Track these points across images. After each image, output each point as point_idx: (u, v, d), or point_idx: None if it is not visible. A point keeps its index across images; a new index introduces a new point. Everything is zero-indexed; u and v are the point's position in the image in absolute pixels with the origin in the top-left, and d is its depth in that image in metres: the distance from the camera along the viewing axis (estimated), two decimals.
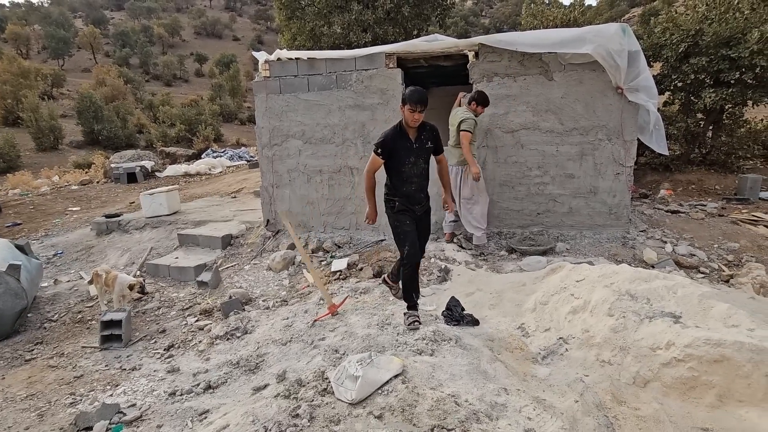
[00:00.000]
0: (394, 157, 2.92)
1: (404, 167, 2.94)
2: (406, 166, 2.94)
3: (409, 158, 2.93)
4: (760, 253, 4.65)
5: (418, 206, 3.09)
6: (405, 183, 3.00)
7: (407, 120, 2.84)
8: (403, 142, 2.91)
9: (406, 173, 2.96)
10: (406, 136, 2.91)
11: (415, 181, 3.01)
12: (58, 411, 2.79)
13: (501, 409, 2.16)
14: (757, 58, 6.22)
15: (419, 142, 2.95)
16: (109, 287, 4.43)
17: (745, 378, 1.98)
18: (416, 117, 2.79)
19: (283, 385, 2.60)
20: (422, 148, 2.97)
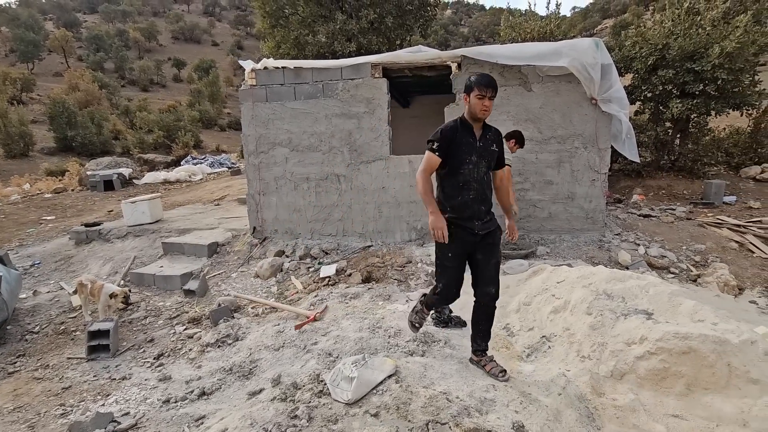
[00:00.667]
0: (453, 156, 2.42)
1: (463, 168, 2.41)
2: (465, 167, 2.41)
3: (470, 157, 2.41)
4: (724, 254, 4.97)
5: (477, 222, 2.46)
6: (461, 190, 2.44)
7: (474, 110, 2.36)
8: (465, 137, 2.41)
9: (465, 176, 2.42)
10: (469, 130, 2.43)
11: (474, 188, 2.44)
12: (49, 422, 2.77)
13: (490, 404, 2.28)
14: (718, 72, 6.66)
15: (484, 141, 2.45)
16: (95, 297, 4.37)
17: (710, 367, 2.17)
18: (486, 105, 2.32)
19: (278, 388, 2.65)
20: (487, 149, 2.45)
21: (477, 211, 2.46)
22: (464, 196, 2.44)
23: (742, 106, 7.40)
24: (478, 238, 2.48)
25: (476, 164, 2.42)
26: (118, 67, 46.96)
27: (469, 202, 2.44)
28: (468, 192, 2.44)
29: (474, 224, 2.45)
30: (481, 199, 2.46)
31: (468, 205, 2.44)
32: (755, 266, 4.73)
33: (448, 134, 2.40)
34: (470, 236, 2.46)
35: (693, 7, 7.46)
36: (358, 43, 8.87)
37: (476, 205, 2.45)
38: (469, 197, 2.44)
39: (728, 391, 2.13)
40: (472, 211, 2.45)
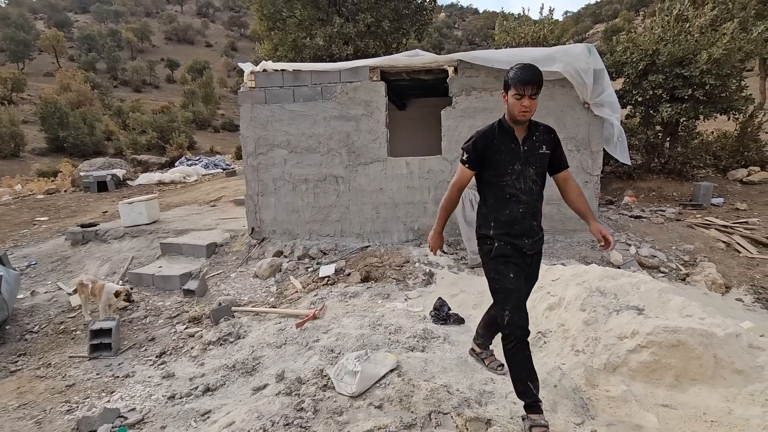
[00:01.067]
0: (491, 165, 2.09)
1: (505, 178, 2.06)
2: (508, 177, 2.06)
3: (513, 165, 2.06)
4: (712, 253, 5.12)
5: (527, 240, 2.11)
6: (507, 203, 2.08)
7: (512, 111, 2.01)
8: (505, 141, 2.06)
9: (509, 188, 2.06)
10: (509, 134, 2.08)
11: (523, 201, 2.07)
12: (56, 418, 2.81)
13: (489, 396, 2.38)
14: (706, 77, 6.85)
15: (529, 144, 2.08)
16: (96, 296, 4.39)
17: (698, 359, 2.28)
18: (526, 105, 1.96)
19: (283, 383, 2.73)
20: (534, 154, 2.08)
21: (527, 227, 2.10)
22: (512, 210, 2.08)
23: (729, 110, 7.61)
24: (528, 260, 2.15)
25: (521, 173, 2.06)
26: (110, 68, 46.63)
27: (517, 218, 2.08)
28: (515, 206, 2.07)
29: (524, 243, 2.10)
30: (530, 212, 2.09)
31: (517, 222, 2.08)
32: (741, 265, 4.88)
33: (480, 142, 2.07)
34: (521, 257, 2.11)
35: (682, 14, 7.66)
36: (355, 46, 8.96)
37: (526, 221, 2.09)
38: (517, 212, 2.07)
39: (715, 382, 2.24)
40: (522, 228, 2.09)
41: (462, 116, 5.45)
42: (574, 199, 2.27)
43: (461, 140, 5.51)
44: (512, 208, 2.09)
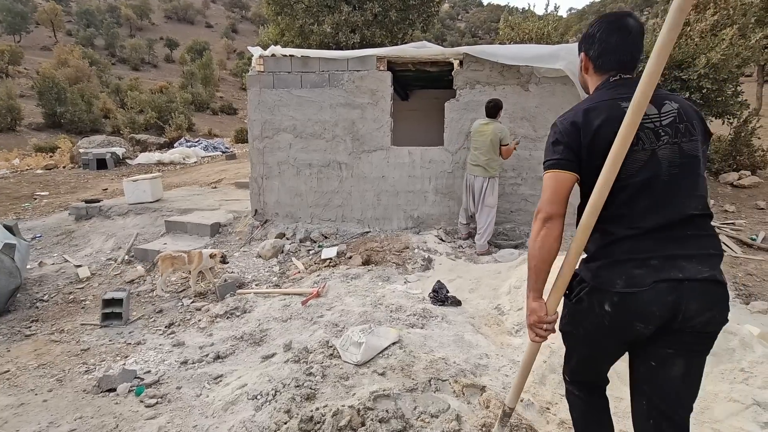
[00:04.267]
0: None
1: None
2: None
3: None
4: None
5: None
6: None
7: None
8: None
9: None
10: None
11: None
12: (75, 377, 2.98)
13: (483, 369, 2.58)
14: (703, 81, 7.03)
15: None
16: (194, 263, 4.56)
17: None
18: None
19: (291, 352, 2.91)
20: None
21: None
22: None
23: (724, 115, 7.81)
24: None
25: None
26: (108, 45, 46.00)
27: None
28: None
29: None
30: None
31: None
32: (725, 264, 5.12)
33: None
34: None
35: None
36: (362, 34, 9.03)
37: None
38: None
39: None
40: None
41: (465, 109, 5.59)
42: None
43: (463, 132, 5.69)
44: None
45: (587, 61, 1.45)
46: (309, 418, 2.04)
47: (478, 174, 5.02)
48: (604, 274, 1.28)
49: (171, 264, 4.58)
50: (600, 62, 1.40)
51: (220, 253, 4.77)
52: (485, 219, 5.08)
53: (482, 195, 5.04)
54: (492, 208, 5.08)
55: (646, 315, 1.22)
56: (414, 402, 2.16)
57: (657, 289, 1.20)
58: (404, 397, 2.20)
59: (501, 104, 4.98)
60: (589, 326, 1.35)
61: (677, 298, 1.19)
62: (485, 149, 4.91)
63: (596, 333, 1.34)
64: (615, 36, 1.35)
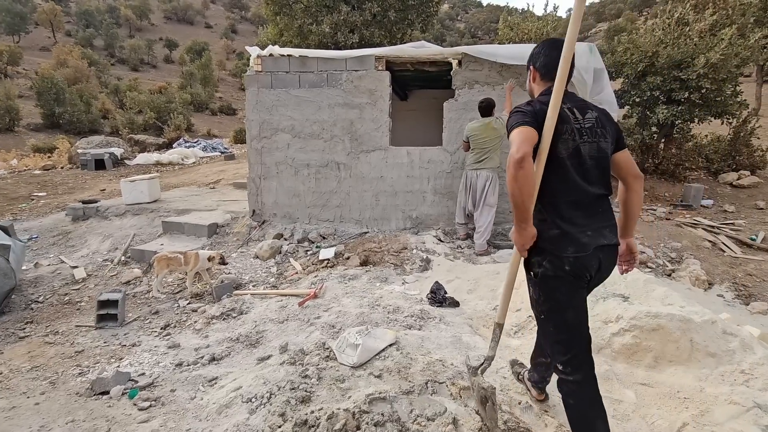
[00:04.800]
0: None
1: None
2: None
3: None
4: (698, 252, 5.34)
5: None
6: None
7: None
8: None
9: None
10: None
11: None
12: (68, 380, 2.94)
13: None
14: (702, 81, 7.01)
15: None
16: (190, 265, 4.52)
17: (675, 342, 2.46)
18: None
19: (287, 354, 2.88)
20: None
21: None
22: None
23: (724, 115, 7.80)
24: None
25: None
26: (107, 45, 45.96)
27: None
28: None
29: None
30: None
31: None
32: (725, 264, 5.10)
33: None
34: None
35: (683, 17, 7.79)
36: (360, 34, 9.00)
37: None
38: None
39: (690, 364, 2.42)
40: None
41: (464, 109, 5.57)
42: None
43: (462, 132, 5.66)
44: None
45: (535, 72, 1.83)
46: (303, 422, 2.01)
47: (483, 171, 4.98)
48: (560, 244, 1.66)
49: (167, 265, 4.55)
50: (544, 71, 1.77)
51: (219, 254, 4.75)
52: (485, 218, 5.05)
53: (484, 193, 5.02)
54: (492, 208, 5.05)
55: (588, 269, 1.68)
56: (410, 405, 2.13)
57: (594, 252, 1.66)
58: (400, 399, 2.17)
59: (494, 103, 5.00)
60: (561, 288, 1.71)
61: (602, 256, 1.69)
62: (493, 145, 4.92)
63: (567, 291, 1.71)
64: (555, 53, 1.69)
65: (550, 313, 1.78)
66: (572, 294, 1.72)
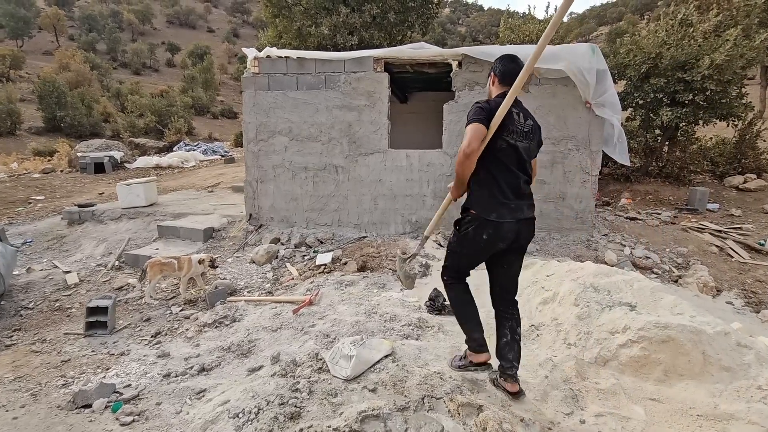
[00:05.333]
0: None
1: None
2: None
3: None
4: (705, 257, 5.19)
5: None
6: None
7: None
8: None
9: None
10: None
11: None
12: (51, 392, 2.82)
13: (481, 384, 2.42)
14: (707, 83, 6.89)
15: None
16: (183, 270, 4.42)
17: (686, 355, 2.33)
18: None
19: (278, 365, 2.75)
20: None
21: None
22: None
23: (729, 117, 7.67)
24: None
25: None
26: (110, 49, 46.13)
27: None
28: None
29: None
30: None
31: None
32: (733, 270, 4.96)
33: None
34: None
35: (686, 18, 7.68)
36: (360, 36, 8.92)
37: None
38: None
39: (702, 377, 2.29)
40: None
41: (464, 111, 5.45)
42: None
43: (462, 135, 5.54)
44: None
45: (494, 77, 2.26)
46: None
47: None
48: (487, 211, 2.14)
49: (160, 270, 4.44)
50: (501, 77, 2.21)
51: (209, 257, 4.63)
52: None
53: None
54: None
55: (504, 238, 2.16)
56: (405, 423, 2.01)
57: (511, 222, 2.13)
58: (395, 417, 2.04)
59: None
60: (470, 247, 2.24)
61: (519, 228, 2.16)
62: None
63: (477, 248, 2.23)
64: (512, 64, 2.18)
65: (455, 254, 2.37)
66: (476, 252, 2.27)
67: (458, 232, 2.30)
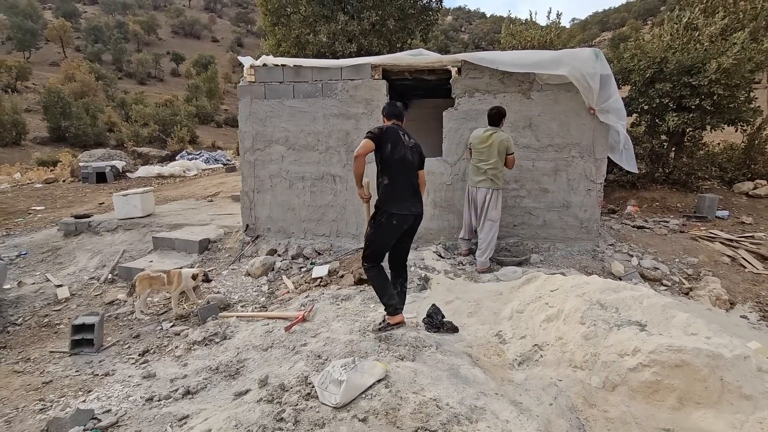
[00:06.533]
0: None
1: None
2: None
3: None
4: (717, 268, 4.98)
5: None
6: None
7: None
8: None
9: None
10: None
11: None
12: (27, 417, 2.68)
13: (480, 412, 2.24)
14: (714, 87, 6.71)
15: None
16: (173, 285, 4.29)
17: (703, 381, 2.15)
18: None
19: (265, 390, 2.60)
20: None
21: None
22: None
23: (737, 122, 7.46)
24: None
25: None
26: (115, 59, 46.70)
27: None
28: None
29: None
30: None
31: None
32: (747, 281, 4.75)
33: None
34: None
35: (692, 22, 7.53)
36: (359, 44, 8.85)
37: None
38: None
39: (720, 406, 2.11)
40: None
41: (464, 118, 5.33)
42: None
43: (462, 142, 5.42)
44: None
45: (384, 116, 3.26)
46: None
47: (482, 186, 4.71)
48: (393, 206, 3.02)
49: (149, 285, 4.31)
50: (388, 116, 3.23)
51: (202, 272, 4.50)
52: (487, 234, 4.75)
53: (485, 208, 4.72)
54: (495, 223, 4.75)
55: (405, 223, 3.09)
56: None
57: (410, 214, 3.10)
58: None
59: (504, 112, 4.69)
60: (384, 234, 3.07)
61: (414, 218, 3.15)
62: (491, 159, 4.61)
63: (389, 234, 3.08)
64: (394, 108, 3.26)
65: (373, 242, 3.11)
66: (388, 237, 3.10)
67: (374, 224, 3.09)
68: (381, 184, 3.03)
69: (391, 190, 3.00)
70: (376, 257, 3.12)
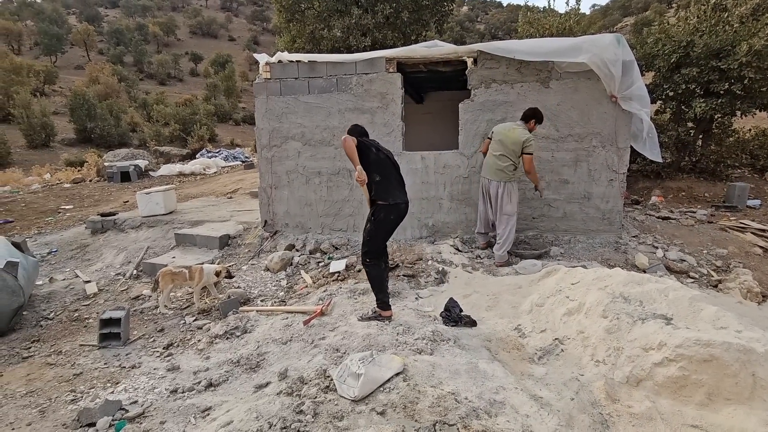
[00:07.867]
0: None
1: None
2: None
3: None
4: (748, 259, 4.79)
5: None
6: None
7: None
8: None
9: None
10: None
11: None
12: (59, 408, 2.80)
13: (500, 407, 2.22)
14: (745, 70, 6.41)
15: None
16: (195, 280, 4.41)
17: (733, 377, 2.07)
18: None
19: (285, 382, 2.64)
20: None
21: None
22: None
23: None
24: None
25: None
26: (137, 61, 47.79)
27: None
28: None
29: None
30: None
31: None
32: None
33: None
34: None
35: (720, 3, 7.19)
36: (373, 37, 8.79)
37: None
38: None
39: (753, 403, 2.03)
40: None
41: (481, 110, 5.24)
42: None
43: (479, 135, 5.34)
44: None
45: (351, 137, 3.22)
46: None
47: (492, 177, 4.64)
48: (389, 197, 3.31)
49: (171, 280, 4.42)
50: (356, 136, 3.28)
51: (225, 268, 4.59)
52: (504, 228, 4.68)
53: (499, 202, 4.64)
54: (511, 216, 4.67)
55: (401, 213, 3.41)
56: None
57: (402, 203, 3.41)
58: None
59: (539, 113, 4.55)
60: (383, 227, 3.36)
61: (404, 207, 3.44)
62: (505, 155, 4.53)
63: (388, 224, 3.37)
64: (358, 127, 3.51)
65: (374, 237, 3.36)
66: (386, 230, 3.38)
67: (374, 221, 3.33)
68: (373, 181, 3.24)
69: (384, 183, 3.30)
70: (377, 252, 3.39)
